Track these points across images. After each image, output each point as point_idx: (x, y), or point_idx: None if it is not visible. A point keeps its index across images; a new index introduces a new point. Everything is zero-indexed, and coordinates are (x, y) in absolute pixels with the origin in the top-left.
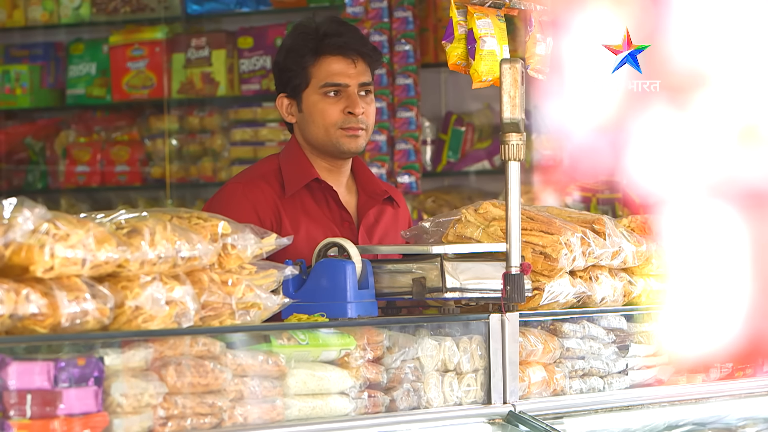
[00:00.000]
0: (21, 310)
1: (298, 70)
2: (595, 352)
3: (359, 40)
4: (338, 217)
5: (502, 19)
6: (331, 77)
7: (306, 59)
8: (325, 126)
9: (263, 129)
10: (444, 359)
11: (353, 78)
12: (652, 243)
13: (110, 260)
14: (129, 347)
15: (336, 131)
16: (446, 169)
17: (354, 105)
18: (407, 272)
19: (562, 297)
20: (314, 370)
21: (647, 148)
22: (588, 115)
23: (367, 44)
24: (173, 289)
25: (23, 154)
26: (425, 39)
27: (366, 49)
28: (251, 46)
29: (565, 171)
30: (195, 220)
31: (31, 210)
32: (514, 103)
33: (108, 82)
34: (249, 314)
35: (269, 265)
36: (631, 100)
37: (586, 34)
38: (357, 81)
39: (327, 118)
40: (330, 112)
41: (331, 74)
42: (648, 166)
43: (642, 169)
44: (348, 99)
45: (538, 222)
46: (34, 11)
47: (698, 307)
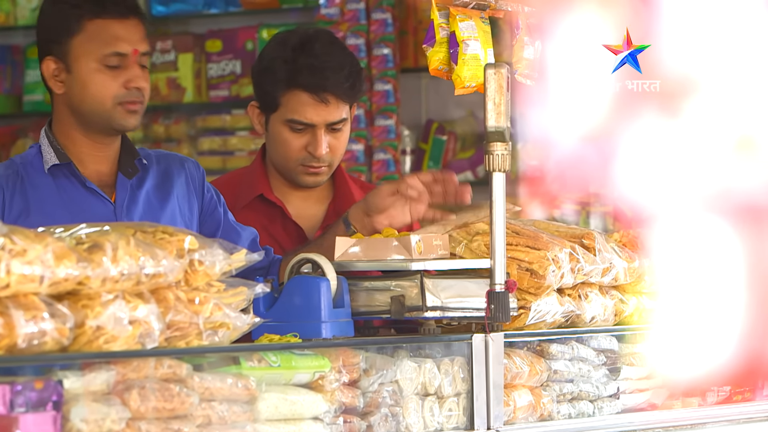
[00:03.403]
0: None
1: (269, 91)
2: (585, 375)
3: (337, 78)
4: (293, 232)
5: (486, 21)
6: (298, 114)
7: (278, 86)
8: (285, 158)
9: (233, 138)
10: (424, 382)
11: (322, 117)
12: (644, 259)
13: (70, 277)
14: (90, 370)
15: (296, 166)
16: None
17: (316, 147)
18: (385, 290)
19: (549, 316)
20: (286, 393)
21: (639, 159)
22: (576, 123)
23: (347, 80)
24: (137, 308)
25: None
26: (405, 42)
27: (342, 89)
28: (220, 49)
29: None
30: (160, 235)
31: None
32: (499, 111)
33: None
34: (217, 334)
35: (239, 283)
36: (621, 107)
37: (575, 39)
38: (325, 120)
39: (288, 151)
40: (292, 147)
41: (299, 111)
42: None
43: (633, 181)
44: (312, 137)
45: (524, 237)
46: None
47: (693, 326)
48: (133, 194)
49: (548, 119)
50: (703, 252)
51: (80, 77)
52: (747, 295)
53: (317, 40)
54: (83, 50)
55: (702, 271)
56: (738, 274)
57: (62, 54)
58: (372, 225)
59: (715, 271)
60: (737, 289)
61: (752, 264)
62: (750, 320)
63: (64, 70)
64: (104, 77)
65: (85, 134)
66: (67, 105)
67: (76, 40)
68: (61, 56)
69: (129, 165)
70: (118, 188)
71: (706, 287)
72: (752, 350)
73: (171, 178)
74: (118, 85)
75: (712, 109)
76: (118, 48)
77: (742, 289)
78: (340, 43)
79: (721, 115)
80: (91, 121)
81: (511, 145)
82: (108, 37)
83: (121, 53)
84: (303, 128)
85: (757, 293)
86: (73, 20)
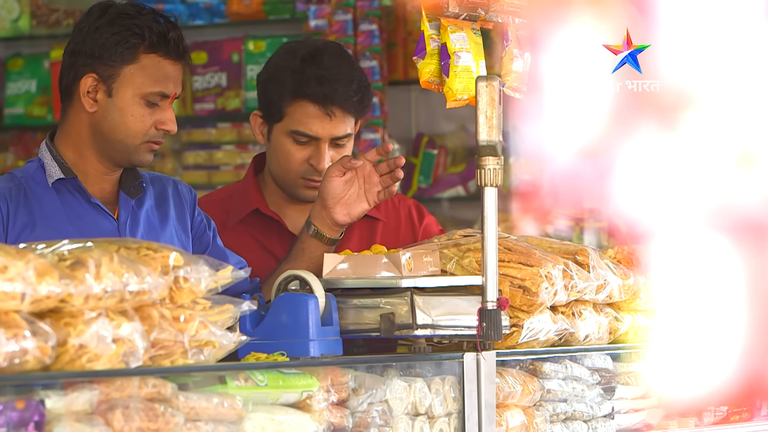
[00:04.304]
0: None
1: (274, 100)
2: (579, 394)
3: (345, 91)
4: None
5: (478, 33)
6: (303, 125)
7: (284, 95)
8: (286, 169)
9: (218, 152)
10: (414, 402)
11: (327, 131)
12: (640, 276)
13: (52, 294)
14: (72, 389)
15: (297, 179)
16: (417, 195)
17: (319, 160)
18: (375, 307)
19: (542, 334)
20: (274, 413)
21: (635, 173)
22: (570, 137)
23: (355, 94)
24: (120, 326)
25: None
26: (393, 54)
27: (350, 102)
28: (205, 62)
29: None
30: (144, 251)
31: None
32: (491, 124)
33: (50, 100)
34: (203, 353)
35: (225, 300)
36: (617, 121)
37: (569, 50)
38: (330, 134)
39: (290, 163)
40: (294, 159)
41: (304, 122)
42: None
43: (629, 196)
44: (316, 150)
45: (517, 253)
46: None
47: (690, 345)
48: (135, 214)
49: (541, 133)
50: (701, 269)
51: (120, 105)
52: (746, 313)
53: (326, 51)
54: (131, 80)
55: (700, 289)
56: (737, 292)
57: (107, 76)
58: (332, 217)
59: (713, 289)
60: (736, 307)
61: (752, 281)
62: (749, 339)
63: (104, 91)
64: (143, 112)
65: (97, 155)
66: (92, 125)
67: (128, 68)
68: (105, 78)
69: (131, 185)
70: (120, 206)
71: (703, 305)
72: (751, 370)
73: (167, 199)
74: (152, 123)
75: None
76: (165, 88)
77: (741, 307)
78: (349, 56)
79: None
80: (114, 149)
81: (504, 160)
82: (159, 75)
83: (165, 94)
84: (307, 141)
85: (756, 311)
86: (132, 48)
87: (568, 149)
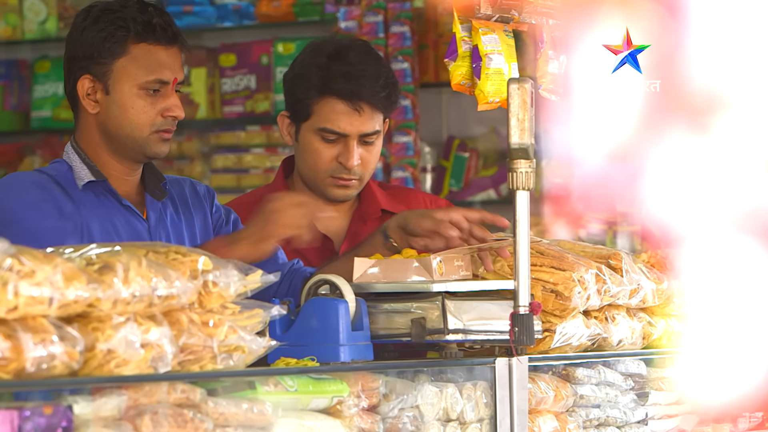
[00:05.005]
0: None
1: (301, 98)
2: (612, 400)
3: (373, 86)
4: (321, 245)
5: (510, 34)
6: (331, 123)
7: (310, 93)
8: (315, 169)
9: (247, 155)
10: (446, 407)
11: (355, 127)
12: (673, 280)
13: (80, 299)
14: (100, 394)
15: (326, 178)
16: (448, 198)
17: (348, 158)
18: (405, 312)
19: (575, 339)
20: (303, 419)
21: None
22: (603, 140)
23: (382, 90)
24: (149, 331)
25: None
26: (424, 56)
27: (378, 98)
28: (234, 64)
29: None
30: (173, 255)
31: None
32: (522, 127)
33: None
34: (232, 358)
35: (254, 305)
36: (649, 124)
37: (598, 53)
38: (358, 131)
39: (318, 162)
40: (322, 157)
41: (332, 119)
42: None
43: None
44: (344, 148)
45: (549, 257)
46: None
47: (724, 350)
48: (161, 215)
49: (574, 136)
50: (733, 273)
51: (120, 100)
52: None
53: (353, 48)
54: (126, 73)
55: (733, 293)
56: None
57: (101, 74)
58: (408, 243)
59: (747, 293)
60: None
61: None
62: None
63: (102, 90)
64: (144, 103)
65: (113, 156)
66: (99, 126)
67: (119, 62)
68: (100, 76)
69: (156, 187)
70: (148, 208)
71: (737, 309)
72: None
73: (186, 200)
74: (156, 112)
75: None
76: (161, 75)
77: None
78: (376, 53)
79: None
80: (125, 145)
81: (536, 163)
82: (152, 63)
83: (163, 80)
84: (335, 138)
85: None
86: (119, 41)
87: (600, 152)
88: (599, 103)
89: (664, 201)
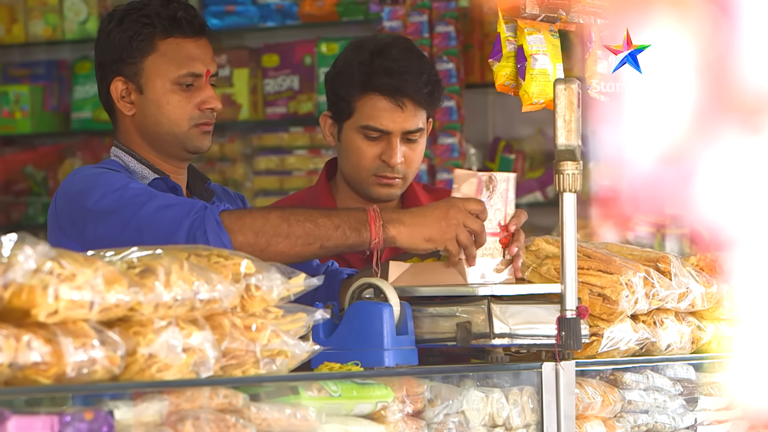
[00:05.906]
0: (22, 359)
1: (343, 96)
2: (660, 406)
3: (416, 83)
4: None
5: (555, 34)
6: (374, 120)
7: (353, 90)
8: (358, 167)
9: (290, 157)
10: (492, 413)
11: (398, 124)
12: (723, 284)
13: (121, 303)
14: (142, 399)
15: (369, 176)
16: None
17: (391, 155)
18: (451, 316)
19: (623, 344)
20: (347, 425)
21: (717, 179)
22: (651, 141)
23: (425, 86)
24: (191, 335)
25: (23, 184)
26: (470, 57)
27: (421, 94)
28: (277, 64)
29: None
30: (215, 259)
31: (32, 247)
32: (569, 128)
33: None
34: (275, 363)
35: (297, 309)
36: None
37: (650, 53)
38: (402, 128)
39: (362, 160)
40: (365, 156)
41: (374, 116)
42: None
43: (712, 202)
44: (387, 145)
45: (596, 260)
46: (35, 26)
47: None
48: None
49: (622, 137)
50: None
51: (154, 98)
52: None
53: (395, 45)
54: (157, 70)
55: None
56: None
57: (132, 74)
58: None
59: None
60: None
61: None
62: None
63: (135, 90)
64: (179, 98)
65: (158, 156)
66: (137, 127)
67: (149, 59)
68: (132, 77)
69: (202, 189)
70: None
71: None
72: None
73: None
74: (193, 106)
75: None
76: (193, 68)
77: None
78: (419, 50)
79: None
80: (166, 143)
81: (583, 165)
82: (182, 56)
83: (195, 74)
84: (378, 136)
85: None
86: (146, 39)
87: (648, 154)
88: (649, 104)
89: (714, 203)
